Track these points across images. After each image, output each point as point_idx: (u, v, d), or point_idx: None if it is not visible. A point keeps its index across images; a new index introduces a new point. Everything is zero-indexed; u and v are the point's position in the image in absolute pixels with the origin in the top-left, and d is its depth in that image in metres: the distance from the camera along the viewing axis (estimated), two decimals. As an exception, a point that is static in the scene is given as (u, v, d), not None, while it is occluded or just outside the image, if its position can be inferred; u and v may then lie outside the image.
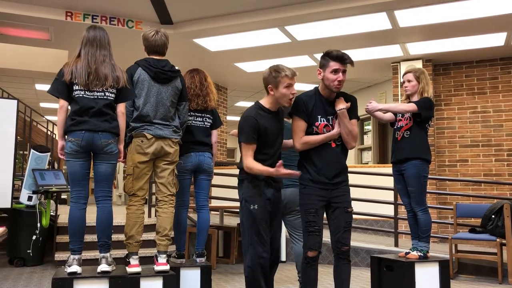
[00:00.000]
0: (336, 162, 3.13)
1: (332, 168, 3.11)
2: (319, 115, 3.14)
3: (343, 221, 3.10)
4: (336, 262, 3.14)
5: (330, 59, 3.08)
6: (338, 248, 3.10)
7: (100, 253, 3.28)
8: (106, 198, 3.36)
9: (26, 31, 6.40)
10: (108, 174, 3.33)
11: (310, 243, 3.08)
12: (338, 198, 3.12)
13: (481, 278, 5.19)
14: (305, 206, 3.12)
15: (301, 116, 3.14)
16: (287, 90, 3.08)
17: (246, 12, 5.94)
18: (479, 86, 7.41)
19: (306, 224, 3.09)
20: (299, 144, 3.14)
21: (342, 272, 3.12)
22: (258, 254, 3.07)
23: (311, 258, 3.09)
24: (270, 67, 3.14)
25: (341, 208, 3.11)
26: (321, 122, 3.13)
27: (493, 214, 5.11)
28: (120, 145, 3.40)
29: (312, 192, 3.10)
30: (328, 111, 3.15)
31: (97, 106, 3.24)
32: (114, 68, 3.33)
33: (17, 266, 5.39)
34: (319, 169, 3.10)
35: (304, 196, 3.14)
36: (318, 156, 3.12)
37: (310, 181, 3.12)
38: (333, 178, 3.11)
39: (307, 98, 3.17)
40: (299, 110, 3.15)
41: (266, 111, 3.16)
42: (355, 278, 5.05)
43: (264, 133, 3.11)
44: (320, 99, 3.17)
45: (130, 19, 6.18)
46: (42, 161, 5.97)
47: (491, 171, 7.20)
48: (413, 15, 5.67)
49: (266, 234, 3.11)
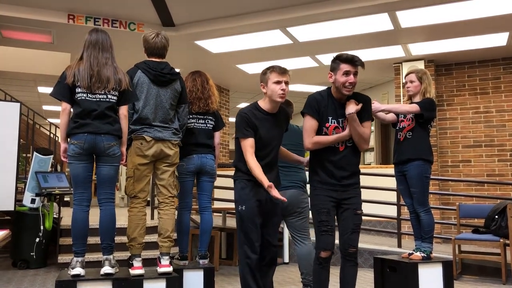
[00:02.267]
0: (346, 165, 3.11)
1: (341, 171, 3.09)
2: (330, 117, 3.12)
3: (352, 222, 3.09)
4: (343, 264, 3.14)
5: (340, 62, 3.07)
6: (345, 249, 3.09)
7: (103, 255, 3.28)
8: (109, 200, 3.36)
9: (28, 34, 6.43)
10: (111, 176, 3.33)
11: (323, 243, 3.07)
12: (348, 200, 3.11)
13: (485, 278, 5.17)
14: (316, 207, 3.11)
15: (313, 115, 3.11)
16: (276, 85, 3.10)
17: (248, 14, 5.94)
18: (482, 86, 7.40)
19: (319, 224, 3.08)
20: (310, 143, 3.11)
21: (348, 274, 3.11)
22: (245, 254, 3.11)
23: (324, 259, 3.08)
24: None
25: (350, 209, 3.10)
26: (332, 124, 3.11)
27: (496, 215, 5.10)
28: (123, 148, 3.40)
29: (322, 193, 3.10)
30: (339, 113, 3.13)
31: (99, 109, 3.24)
32: (116, 71, 3.33)
33: (20, 269, 5.40)
34: (328, 171, 3.09)
35: (315, 197, 3.14)
36: (327, 158, 3.10)
37: (320, 182, 3.11)
38: (342, 180, 3.09)
39: (320, 97, 3.15)
40: (311, 108, 3.13)
41: (261, 111, 3.18)
42: (358, 279, 5.02)
43: (256, 132, 3.11)
44: (332, 101, 3.15)
45: (132, 22, 6.19)
46: (45, 163, 5.98)
47: (494, 171, 7.19)
48: (415, 16, 5.67)
49: (254, 235, 3.12)
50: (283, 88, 3.11)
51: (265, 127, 3.16)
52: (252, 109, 3.19)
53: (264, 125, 3.15)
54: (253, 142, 3.12)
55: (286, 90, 3.13)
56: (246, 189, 3.17)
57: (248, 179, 3.15)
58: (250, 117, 3.13)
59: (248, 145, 3.11)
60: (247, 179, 3.17)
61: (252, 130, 3.13)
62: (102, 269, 3.22)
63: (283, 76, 3.12)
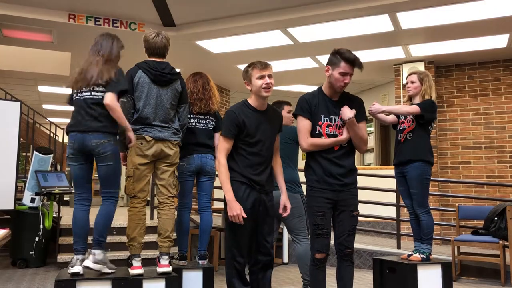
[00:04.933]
0: (342, 161, 3.11)
1: (338, 167, 3.09)
2: (322, 115, 3.12)
3: (348, 224, 3.10)
4: (339, 264, 3.15)
5: (342, 60, 3.05)
6: (342, 250, 3.11)
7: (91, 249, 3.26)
8: (108, 198, 3.37)
9: (29, 33, 6.43)
10: (105, 175, 3.33)
11: (318, 246, 3.08)
12: (345, 201, 3.11)
13: (484, 280, 5.18)
14: (312, 209, 3.10)
15: (305, 115, 3.13)
16: (259, 80, 3.08)
17: (249, 14, 5.94)
18: (482, 88, 7.40)
19: (314, 227, 3.08)
20: (306, 144, 3.11)
21: (345, 274, 3.12)
22: (233, 257, 3.09)
23: (319, 260, 3.08)
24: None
25: (347, 211, 3.10)
26: (324, 122, 3.12)
27: (495, 216, 5.10)
28: (129, 132, 3.36)
29: (319, 195, 3.09)
30: (331, 110, 3.13)
31: (85, 106, 3.30)
32: (103, 68, 3.33)
33: (20, 268, 5.41)
34: (325, 168, 3.08)
35: (311, 199, 3.13)
36: (323, 155, 3.10)
37: (317, 182, 3.10)
38: (339, 178, 3.09)
39: (310, 97, 3.17)
40: (302, 109, 3.14)
41: (250, 108, 3.16)
42: (357, 280, 5.05)
43: (244, 128, 3.08)
44: (323, 99, 3.16)
45: (132, 21, 6.19)
46: (45, 163, 5.99)
47: (494, 173, 7.19)
48: (416, 17, 5.67)
49: (242, 238, 3.07)
50: (267, 82, 3.08)
51: (253, 123, 3.12)
52: (241, 106, 3.17)
53: (252, 121, 3.12)
54: (231, 144, 3.09)
55: (270, 83, 3.10)
56: (238, 191, 3.06)
57: (241, 181, 3.08)
58: (237, 115, 3.09)
59: (226, 143, 3.08)
60: (239, 181, 3.08)
61: (236, 130, 3.07)
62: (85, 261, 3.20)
63: (265, 70, 3.10)
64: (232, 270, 3.09)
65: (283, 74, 8.28)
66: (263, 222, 3.18)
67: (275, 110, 3.33)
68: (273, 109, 3.31)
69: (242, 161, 3.10)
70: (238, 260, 3.08)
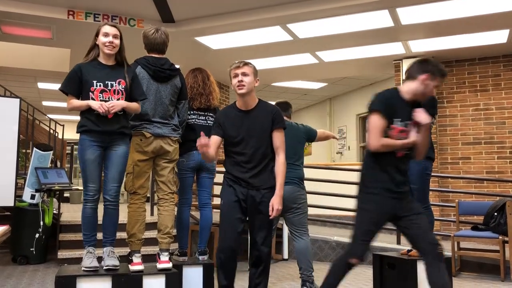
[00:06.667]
0: (404, 170, 2.95)
1: (399, 175, 2.91)
2: (399, 119, 2.88)
3: (424, 223, 2.91)
4: (431, 266, 2.87)
5: (440, 77, 2.92)
6: (434, 249, 2.85)
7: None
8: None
9: (28, 30, 6.42)
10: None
11: (360, 252, 2.88)
12: (407, 206, 2.93)
13: (484, 275, 5.18)
14: (370, 213, 2.89)
15: (384, 114, 2.85)
16: (234, 79, 3.17)
17: (248, 10, 5.93)
18: (482, 84, 7.39)
19: (364, 232, 2.89)
20: (378, 144, 2.84)
21: (440, 278, 2.85)
22: (219, 248, 3.14)
23: (353, 264, 2.89)
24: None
25: (414, 214, 2.91)
26: (398, 126, 2.89)
27: (495, 212, 5.10)
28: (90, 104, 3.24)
29: (382, 201, 2.88)
30: (408, 116, 2.92)
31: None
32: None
33: (20, 264, 5.41)
34: (390, 174, 2.89)
35: (371, 203, 2.90)
36: (388, 160, 2.90)
37: (382, 189, 2.88)
38: (400, 186, 2.91)
39: (391, 96, 2.93)
40: (384, 106, 2.87)
41: (235, 108, 3.24)
42: (356, 276, 5.06)
43: (224, 128, 3.19)
44: (401, 102, 2.92)
45: (132, 18, 6.18)
46: (44, 159, 5.98)
47: (494, 169, 7.19)
48: (415, 13, 5.66)
49: (228, 232, 3.12)
50: (239, 80, 3.13)
51: (235, 123, 3.17)
52: (228, 107, 3.30)
53: (234, 121, 3.18)
54: (216, 140, 3.19)
55: (243, 81, 3.12)
56: (225, 185, 3.23)
57: (229, 177, 3.21)
58: (219, 116, 3.26)
59: (212, 139, 3.18)
60: (227, 177, 3.23)
61: (220, 130, 3.21)
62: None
63: (237, 69, 3.17)
64: (217, 261, 3.16)
65: (282, 70, 8.27)
66: (255, 219, 3.18)
67: (266, 108, 3.22)
68: (264, 106, 3.23)
69: (229, 160, 3.25)
70: (221, 254, 3.12)
